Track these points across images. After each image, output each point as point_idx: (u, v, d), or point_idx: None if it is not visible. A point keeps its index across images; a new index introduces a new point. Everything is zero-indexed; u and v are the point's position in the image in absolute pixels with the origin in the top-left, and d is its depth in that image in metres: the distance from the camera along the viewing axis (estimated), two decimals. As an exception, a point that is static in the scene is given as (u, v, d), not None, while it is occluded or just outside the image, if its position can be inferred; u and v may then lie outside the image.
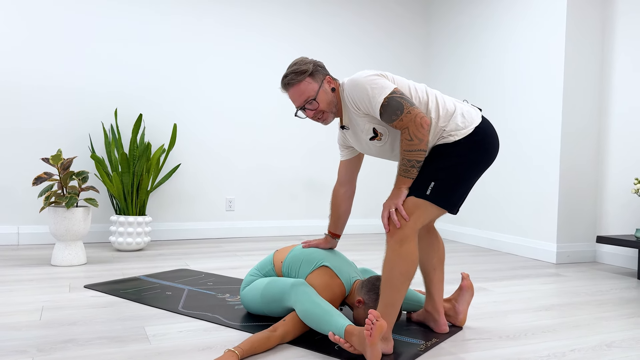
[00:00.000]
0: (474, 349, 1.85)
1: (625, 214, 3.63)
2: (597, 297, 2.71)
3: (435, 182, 1.74)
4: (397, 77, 1.85)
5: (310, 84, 1.85)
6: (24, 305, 2.23)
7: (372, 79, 1.77)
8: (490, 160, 1.82)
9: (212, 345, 1.81)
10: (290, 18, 4.68)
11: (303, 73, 1.84)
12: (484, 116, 1.85)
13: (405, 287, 1.73)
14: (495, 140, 1.82)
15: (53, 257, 3.11)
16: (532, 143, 3.94)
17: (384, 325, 1.57)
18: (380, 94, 1.74)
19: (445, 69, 4.92)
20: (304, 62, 1.86)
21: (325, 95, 1.87)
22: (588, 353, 1.85)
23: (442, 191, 1.74)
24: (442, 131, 1.78)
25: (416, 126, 1.69)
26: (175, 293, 2.50)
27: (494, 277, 3.14)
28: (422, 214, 1.74)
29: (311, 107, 1.86)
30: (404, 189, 1.75)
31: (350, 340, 1.66)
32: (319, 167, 4.83)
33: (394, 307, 1.73)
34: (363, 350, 1.62)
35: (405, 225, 1.72)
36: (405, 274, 1.71)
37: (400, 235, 1.72)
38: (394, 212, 1.73)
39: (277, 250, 2.20)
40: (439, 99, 1.83)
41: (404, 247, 1.71)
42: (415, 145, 1.70)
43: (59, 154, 3.12)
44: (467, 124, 1.78)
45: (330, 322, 1.72)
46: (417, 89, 1.83)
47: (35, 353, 1.69)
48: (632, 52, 3.61)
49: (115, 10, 4.06)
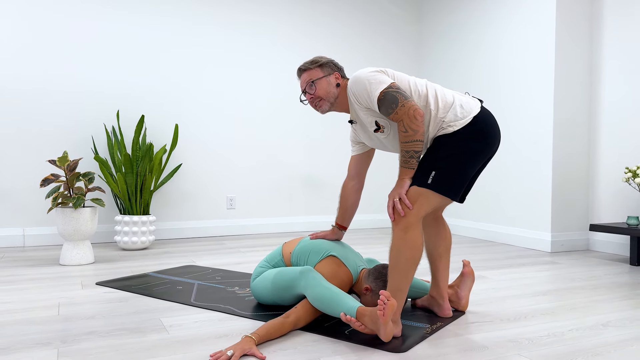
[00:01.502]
0: (477, 330, 1.95)
1: (616, 203, 3.74)
2: (591, 282, 2.82)
3: (435, 171, 1.83)
4: (398, 72, 1.96)
5: (316, 72, 2.05)
6: (40, 302, 2.30)
7: (371, 75, 1.89)
8: (491, 149, 1.90)
9: (228, 333, 1.89)
10: (285, 21, 4.76)
11: (314, 63, 2.05)
12: (485, 107, 1.93)
13: (412, 273, 1.82)
14: (494, 129, 1.91)
15: (62, 256, 3.17)
16: (525, 136, 4.05)
17: (394, 304, 1.67)
18: (377, 88, 1.85)
19: (439, 67, 5.02)
20: (320, 57, 2.09)
21: (327, 85, 2.03)
22: (585, 332, 1.95)
23: (443, 179, 1.83)
24: (441, 122, 1.88)
25: (410, 118, 1.78)
26: (185, 287, 2.57)
27: (492, 265, 3.24)
28: (424, 202, 1.83)
29: (310, 90, 2.04)
30: (407, 179, 1.85)
31: (362, 320, 1.75)
32: (318, 165, 4.92)
33: (402, 292, 1.82)
34: (376, 329, 1.71)
35: (409, 213, 1.81)
36: (410, 259, 1.80)
37: (405, 223, 1.81)
38: (398, 201, 1.82)
39: (285, 243, 2.29)
40: (438, 91, 1.92)
41: (408, 234, 1.80)
42: (410, 137, 1.80)
43: (65, 156, 3.19)
44: (466, 114, 1.87)
45: (342, 304, 1.81)
46: (416, 83, 1.93)
47: (59, 344, 1.76)
48: (620, 43, 3.72)
49: (115, 14, 4.12)
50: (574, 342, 1.83)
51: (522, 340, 1.85)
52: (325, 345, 1.76)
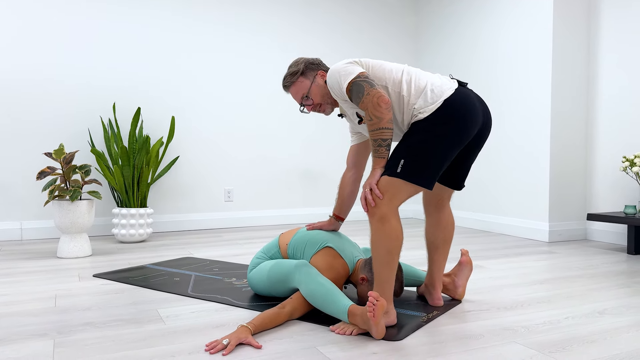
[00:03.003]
0: (473, 319, 1.95)
1: (614, 192, 3.74)
2: (588, 271, 2.82)
3: (404, 159, 1.78)
4: (375, 61, 1.91)
5: (303, 82, 2.02)
6: (37, 294, 2.30)
7: (342, 67, 1.85)
8: (467, 132, 1.82)
9: (224, 323, 1.89)
10: (283, 15, 4.74)
11: (295, 74, 2.02)
12: (464, 89, 1.87)
13: (394, 263, 1.80)
14: (467, 112, 1.81)
15: (59, 249, 3.17)
16: (523, 127, 4.04)
17: (384, 304, 1.66)
18: (346, 80, 1.82)
19: (437, 60, 5.00)
20: (296, 64, 2.04)
21: (318, 89, 2.00)
22: (582, 319, 1.96)
23: (412, 168, 1.77)
24: (413, 109, 1.83)
25: (374, 106, 1.74)
26: (183, 279, 2.57)
27: (490, 255, 3.24)
28: (396, 192, 1.78)
29: (307, 102, 2.03)
30: (378, 169, 1.81)
31: (353, 319, 1.75)
32: (316, 157, 4.91)
33: (388, 283, 1.81)
34: (368, 328, 1.71)
35: (381, 203, 1.77)
36: (391, 250, 1.78)
37: (379, 214, 1.78)
38: (369, 192, 1.80)
39: (282, 234, 2.28)
40: (413, 77, 1.85)
41: (385, 225, 1.77)
42: (375, 124, 1.75)
43: (62, 149, 3.18)
44: (436, 98, 1.80)
45: (334, 302, 1.81)
46: (392, 70, 1.88)
47: (55, 335, 1.76)
48: (618, 34, 3.71)
49: (112, 7, 4.10)
50: (569, 330, 1.83)
51: (518, 328, 1.85)
52: (321, 335, 1.76)
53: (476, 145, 1.95)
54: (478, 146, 1.96)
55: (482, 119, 1.89)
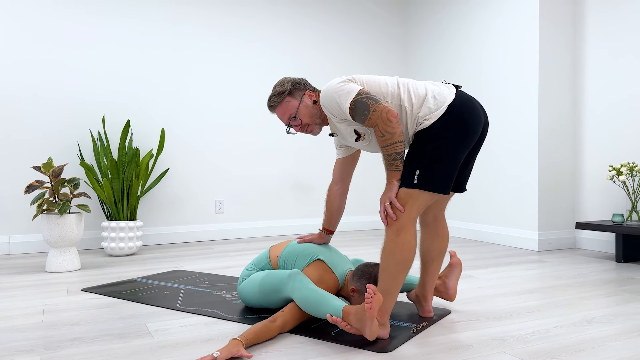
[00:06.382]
0: (463, 329, 1.95)
1: (602, 201, 3.78)
2: (577, 280, 2.84)
3: (419, 169, 1.80)
4: (367, 76, 1.92)
5: (290, 103, 2.01)
6: (25, 309, 2.27)
7: (338, 87, 1.85)
8: (474, 133, 1.84)
9: (213, 337, 1.88)
10: (274, 24, 4.77)
11: (282, 94, 2.01)
12: (462, 92, 1.89)
13: (402, 276, 1.80)
14: (472, 114, 1.84)
15: (47, 263, 3.14)
16: (511, 136, 4.08)
17: (381, 298, 1.66)
18: (347, 99, 1.82)
19: (425, 67, 5.05)
20: (282, 83, 2.03)
21: (306, 109, 2.00)
22: (570, 328, 1.97)
23: (429, 176, 1.79)
24: (417, 117, 1.84)
25: (384, 121, 1.75)
26: (172, 292, 2.56)
27: (479, 265, 3.25)
28: (415, 202, 1.80)
29: (295, 123, 2.02)
30: (395, 182, 1.82)
31: (347, 319, 1.74)
32: (305, 169, 4.92)
33: (390, 295, 1.81)
34: (362, 326, 1.71)
35: (400, 215, 1.79)
36: (401, 262, 1.78)
37: (397, 226, 1.79)
38: (389, 205, 1.81)
39: (272, 246, 2.28)
40: (410, 87, 1.87)
41: (400, 236, 1.78)
42: (388, 140, 1.77)
43: (50, 162, 3.16)
44: (439, 104, 1.82)
45: (328, 305, 1.81)
46: (387, 84, 1.89)
47: (42, 351, 1.74)
48: (604, 41, 3.77)
49: (100, 19, 4.10)
50: (558, 339, 1.84)
51: (507, 337, 1.85)
52: (310, 347, 1.76)
53: (477, 145, 1.96)
54: (478, 146, 1.97)
55: (483, 118, 1.92)
